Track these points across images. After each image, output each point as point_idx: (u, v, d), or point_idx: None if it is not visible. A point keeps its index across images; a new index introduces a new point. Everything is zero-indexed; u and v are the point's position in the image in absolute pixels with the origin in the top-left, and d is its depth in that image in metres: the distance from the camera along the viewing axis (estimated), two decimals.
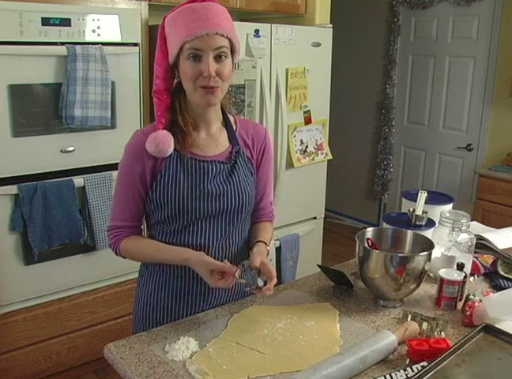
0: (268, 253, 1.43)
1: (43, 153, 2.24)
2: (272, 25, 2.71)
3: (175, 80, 1.36)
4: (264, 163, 1.49)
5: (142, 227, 1.44)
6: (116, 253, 1.41)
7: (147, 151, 1.31)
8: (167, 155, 1.31)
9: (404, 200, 1.91)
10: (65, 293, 2.43)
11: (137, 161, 1.33)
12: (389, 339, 1.20)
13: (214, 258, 1.37)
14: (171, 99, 1.34)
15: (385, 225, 1.73)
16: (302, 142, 2.99)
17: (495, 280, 1.62)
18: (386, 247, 1.56)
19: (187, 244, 1.38)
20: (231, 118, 1.46)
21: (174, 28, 1.27)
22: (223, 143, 1.41)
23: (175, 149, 1.32)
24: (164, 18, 1.31)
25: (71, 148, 2.30)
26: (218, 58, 1.26)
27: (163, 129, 1.31)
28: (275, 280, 1.31)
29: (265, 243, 1.44)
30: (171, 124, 1.34)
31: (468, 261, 1.55)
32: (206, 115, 1.37)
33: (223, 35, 1.25)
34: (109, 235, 1.41)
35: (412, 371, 1.13)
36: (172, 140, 1.30)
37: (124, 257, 1.42)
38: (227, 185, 1.38)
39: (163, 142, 1.28)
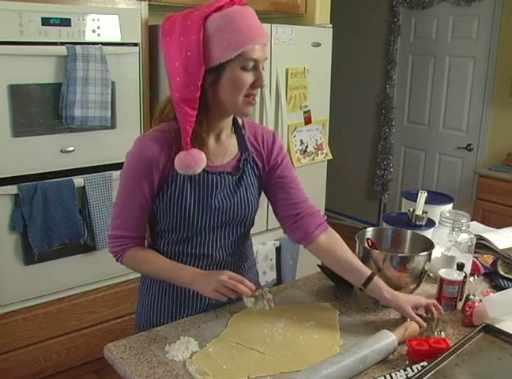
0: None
1: (43, 153, 2.24)
2: (272, 25, 2.70)
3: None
4: (282, 167, 1.42)
5: (145, 235, 1.40)
6: (117, 260, 1.38)
7: (156, 161, 1.25)
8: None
9: (404, 200, 1.91)
10: (65, 293, 2.43)
11: (145, 170, 1.26)
12: (389, 339, 1.20)
13: (216, 265, 1.38)
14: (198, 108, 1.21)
15: (385, 225, 1.73)
16: (302, 142, 2.98)
17: (495, 280, 1.61)
18: (386, 247, 1.56)
19: (190, 253, 1.37)
20: (239, 121, 1.40)
21: (226, 32, 1.16)
22: (232, 150, 1.36)
23: None
24: (206, 17, 1.16)
25: (71, 148, 2.30)
26: (262, 66, 1.23)
27: (192, 146, 1.22)
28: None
29: (373, 273, 1.35)
30: (192, 136, 1.23)
31: (468, 261, 1.55)
32: (222, 122, 1.31)
33: (265, 45, 1.23)
34: (111, 243, 1.35)
35: (412, 371, 1.13)
36: (205, 158, 1.23)
37: (123, 264, 1.39)
38: (233, 199, 1.34)
39: (197, 165, 1.21)
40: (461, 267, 1.46)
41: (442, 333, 1.29)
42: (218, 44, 1.17)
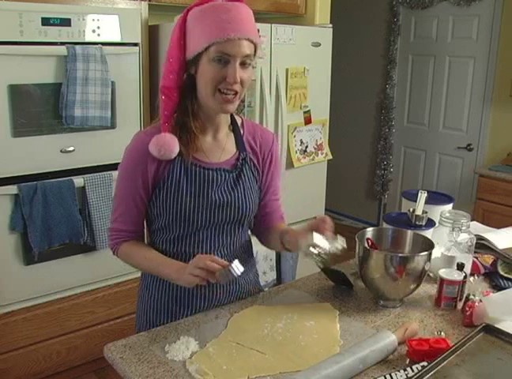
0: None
1: (43, 153, 2.24)
2: (272, 25, 2.70)
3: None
4: (272, 171, 1.45)
5: (144, 230, 1.41)
6: (113, 253, 1.40)
7: (150, 155, 1.26)
8: (171, 158, 1.27)
9: (404, 200, 1.91)
10: (65, 293, 2.43)
11: (140, 165, 1.29)
12: (389, 339, 1.20)
13: None
14: (180, 97, 1.27)
15: (385, 225, 1.73)
16: (302, 142, 2.98)
17: (495, 280, 1.62)
18: (386, 247, 1.56)
19: (188, 253, 1.36)
20: (239, 121, 1.40)
21: (201, 24, 1.19)
22: (229, 149, 1.36)
23: (179, 153, 1.27)
24: (188, 10, 1.23)
25: (71, 148, 2.30)
26: (243, 64, 1.22)
27: (168, 130, 1.26)
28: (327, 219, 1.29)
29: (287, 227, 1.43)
30: (178, 125, 1.28)
31: (468, 261, 1.55)
32: (216, 119, 1.32)
33: (251, 42, 1.22)
34: (109, 236, 1.39)
35: (412, 371, 1.13)
36: (177, 143, 1.25)
37: (118, 257, 1.41)
38: (231, 196, 1.34)
39: (167, 146, 1.23)
40: (461, 267, 1.46)
41: (442, 333, 1.29)
42: (194, 36, 1.21)
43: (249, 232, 1.51)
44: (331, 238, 1.24)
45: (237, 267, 1.19)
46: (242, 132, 1.39)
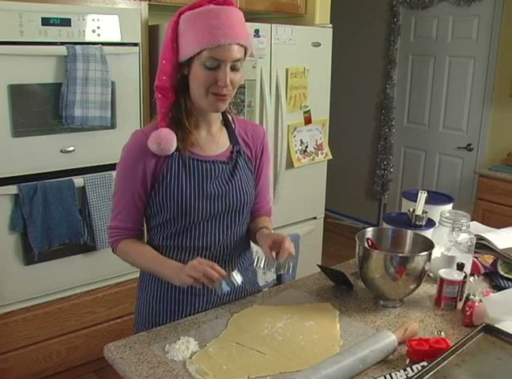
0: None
1: (43, 153, 2.24)
2: (272, 25, 2.70)
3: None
4: (263, 163, 1.50)
5: (143, 228, 1.43)
6: (113, 251, 1.41)
7: (148, 152, 1.30)
8: (170, 153, 1.30)
9: (404, 200, 1.91)
10: (65, 293, 2.43)
11: (138, 162, 1.31)
12: (389, 339, 1.20)
13: (214, 259, 1.38)
14: (175, 96, 1.32)
15: (385, 225, 1.73)
16: (302, 142, 2.98)
17: (495, 280, 1.62)
18: (386, 247, 1.56)
19: (188, 246, 1.38)
20: (229, 117, 1.46)
21: (193, 29, 1.23)
22: (223, 142, 1.41)
23: (176, 149, 1.31)
24: (180, 14, 1.27)
25: (71, 148, 2.30)
26: (233, 67, 1.26)
27: (165, 126, 1.30)
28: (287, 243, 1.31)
29: (267, 227, 1.46)
30: (174, 122, 1.32)
31: (468, 261, 1.55)
32: (209, 115, 1.37)
33: (241, 46, 1.25)
34: (109, 234, 1.41)
35: (412, 371, 1.13)
36: (175, 138, 1.29)
37: (118, 255, 1.42)
38: (229, 186, 1.38)
39: (166, 141, 1.27)
40: (461, 267, 1.46)
41: (442, 333, 1.29)
42: (186, 40, 1.25)
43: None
44: (282, 262, 1.29)
45: (236, 277, 1.21)
46: (233, 126, 1.45)
